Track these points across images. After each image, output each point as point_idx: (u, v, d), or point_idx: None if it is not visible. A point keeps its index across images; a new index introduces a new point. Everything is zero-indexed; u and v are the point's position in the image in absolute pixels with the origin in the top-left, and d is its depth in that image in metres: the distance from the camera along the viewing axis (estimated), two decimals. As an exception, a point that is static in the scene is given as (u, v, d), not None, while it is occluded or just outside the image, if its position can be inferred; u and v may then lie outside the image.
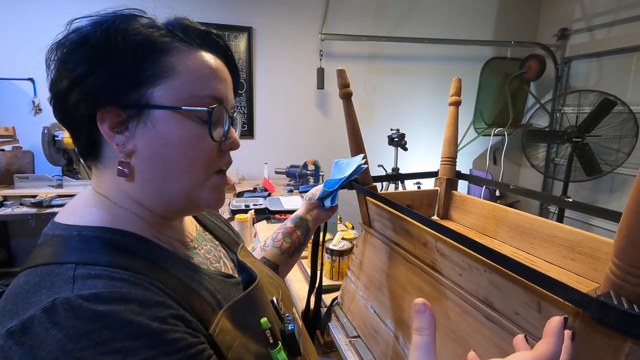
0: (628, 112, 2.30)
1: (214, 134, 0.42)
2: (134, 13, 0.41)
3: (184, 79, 0.40)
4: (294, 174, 2.45)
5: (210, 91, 0.42)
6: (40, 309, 0.30)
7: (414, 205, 0.96)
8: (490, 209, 0.85)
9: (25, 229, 2.40)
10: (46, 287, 0.32)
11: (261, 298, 0.49)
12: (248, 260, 0.56)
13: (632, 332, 0.31)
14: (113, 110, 0.39)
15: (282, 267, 0.76)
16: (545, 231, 0.71)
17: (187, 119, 0.41)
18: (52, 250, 0.37)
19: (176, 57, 0.40)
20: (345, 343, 0.82)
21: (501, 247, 0.79)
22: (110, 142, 0.40)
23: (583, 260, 0.63)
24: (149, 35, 0.39)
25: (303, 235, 0.78)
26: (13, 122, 2.27)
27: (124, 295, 0.32)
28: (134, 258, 0.38)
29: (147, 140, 0.40)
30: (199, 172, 0.43)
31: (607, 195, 2.77)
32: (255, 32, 2.70)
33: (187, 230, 0.51)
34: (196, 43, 0.43)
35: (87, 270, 0.34)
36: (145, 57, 0.39)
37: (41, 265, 0.35)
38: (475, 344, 0.52)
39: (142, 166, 0.41)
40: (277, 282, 0.60)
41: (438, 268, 0.61)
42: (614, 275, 0.33)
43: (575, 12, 2.91)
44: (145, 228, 0.43)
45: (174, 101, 0.40)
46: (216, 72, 0.43)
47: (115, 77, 0.38)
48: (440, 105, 3.14)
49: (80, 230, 0.39)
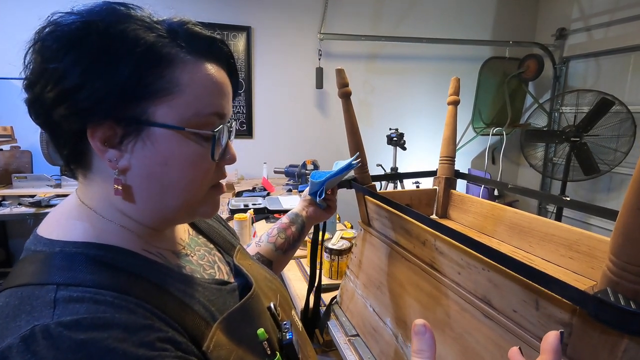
0: (626, 112, 2.31)
1: (215, 153, 0.40)
2: (127, 6, 0.37)
3: (189, 96, 0.38)
4: (293, 174, 2.45)
5: (214, 108, 0.40)
6: (18, 337, 0.28)
7: (412, 205, 0.96)
8: (489, 208, 0.85)
9: (23, 229, 2.39)
10: (26, 311, 0.30)
11: (257, 307, 0.48)
12: (245, 264, 0.55)
13: (629, 328, 0.32)
14: (108, 125, 0.35)
15: (276, 264, 0.75)
16: (543, 230, 0.71)
17: (189, 139, 0.38)
18: (33, 269, 0.34)
19: (181, 70, 0.37)
20: (344, 342, 0.82)
21: (500, 245, 0.80)
22: (102, 156, 0.36)
23: (581, 259, 0.63)
24: (154, 44, 0.36)
25: (298, 231, 0.77)
26: (11, 121, 2.26)
27: (107, 320, 0.30)
28: (121, 275, 0.36)
29: (145, 158, 0.37)
30: (197, 190, 0.41)
31: (605, 195, 2.78)
32: (254, 31, 2.70)
33: (178, 236, 0.49)
34: (201, 53, 0.39)
35: (69, 292, 0.32)
36: (149, 69, 0.35)
37: (22, 285, 0.33)
38: (473, 341, 0.52)
39: (137, 184, 0.38)
40: (276, 284, 0.58)
41: (437, 266, 0.61)
42: (611, 272, 0.33)
43: (573, 12, 2.92)
44: (133, 241, 0.40)
45: (177, 120, 0.37)
46: (221, 87, 0.41)
47: (114, 91, 0.34)
48: (438, 104, 3.14)
49: (63, 247, 0.36)
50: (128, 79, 0.34)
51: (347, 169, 0.72)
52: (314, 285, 0.88)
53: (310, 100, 2.92)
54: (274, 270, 0.73)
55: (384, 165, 2.73)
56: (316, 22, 2.79)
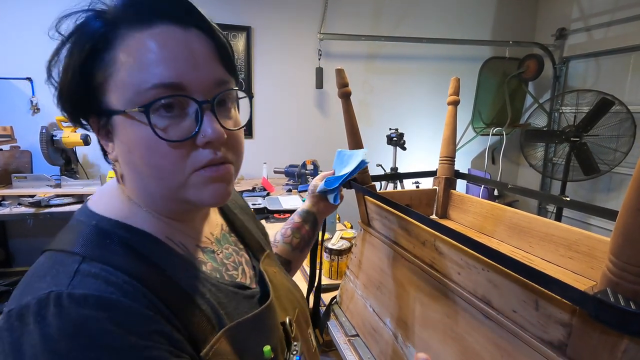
0: (626, 112, 2.31)
1: (169, 132, 0.35)
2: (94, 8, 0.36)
3: (123, 74, 0.35)
4: (293, 174, 2.45)
5: (155, 79, 0.34)
6: (36, 298, 0.31)
7: (412, 205, 0.96)
8: (488, 208, 0.85)
9: (23, 229, 2.39)
10: (51, 274, 0.34)
11: (270, 320, 0.45)
12: (270, 271, 0.52)
13: (628, 329, 0.32)
14: (93, 119, 0.39)
15: (294, 263, 0.74)
16: (543, 230, 0.71)
17: (137, 121, 0.35)
18: (70, 237, 0.38)
19: (118, 48, 0.35)
20: (344, 342, 0.82)
21: (499, 246, 0.80)
22: (106, 148, 0.40)
23: (581, 259, 0.63)
24: (92, 34, 0.35)
25: (311, 229, 0.76)
26: (11, 121, 2.26)
27: (111, 302, 0.32)
28: (141, 261, 0.37)
29: (118, 148, 0.38)
30: (169, 177, 0.37)
31: (605, 195, 2.78)
32: (254, 31, 2.69)
33: (209, 230, 0.48)
34: (145, 20, 0.35)
35: (90, 267, 0.34)
36: (93, 58, 0.35)
37: (58, 251, 0.36)
38: (473, 341, 0.52)
39: (125, 173, 0.40)
40: (297, 296, 0.56)
41: (437, 267, 0.61)
42: (611, 272, 0.33)
43: (573, 12, 2.92)
44: (159, 227, 0.41)
45: (121, 102, 0.35)
46: (162, 51, 0.34)
47: (76, 88, 0.37)
48: (438, 104, 3.14)
49: (98, 221, 0.39)
50: (80, 73, 0.36)
51: (360, 169, 0.71)
52: (313, 285, 0.88)
53: (310, 100, 2.92)
54: (292, 269, 0.73)
55: (383, 165, 2.73)
56: (316, 22, 2.79)
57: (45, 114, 2.33)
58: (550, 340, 0.41)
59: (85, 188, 2.01)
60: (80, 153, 2.38)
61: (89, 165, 2.51)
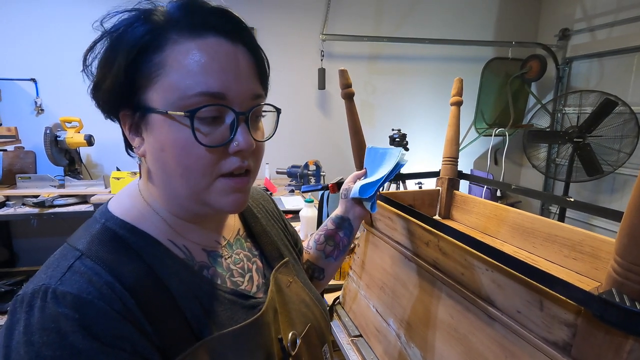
0: (629, 113, 2.30)
1: (207, 137, 0.37)
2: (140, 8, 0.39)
3: (171, 78, 0.36)
4: (296, 174, 2.45)
5: (201, 87, 0.36)
6: (31, 289, 0.34)
7: (415, 205, 0.96)
8: (492, 209, 0.85)
9: (27, 229, 2.40)
10: (53, 266, 0.36)
11: (259, 336, 0.42)
12: (284, 280, 0.50)
13: (634, 329, 0.31)
14: (126, 114, 0.40)
15: (328, 270, 0.69)
16: (546, 230, 0.71)
17: (178, 123, 0.37)
18: (81, 233, 0.40)
19: (169, 52, 0.37)
20: (347, 342, 0.82)
21: (503, 246, 0.79)
22: (132, 142, 0.41)
23: (584, 260, 0.63)
24: (143, 35, 0.37)
25: (347, 236, 0.69)
26: (15, 122, 2.27)
27: (85, 303, 0.33)
28: (135, 262, 0.38)
29: (149, 144, 0.40)
30: (197, 179, 0.39)
31: (609, 196, 2.77)
32: (257, 32, 2.70)
33: (222, 234, 0.48)
34: (197, 30, 0.37)
35: (82, 264, 0.36)
36: (141, 58, 0.37)
37: (70, 244, 0.39)
38: (477, 342, 0.52)
39: (153, 169, 0.41)
40: (313, 311, 0.52)
41: (440, 267, 0.61)
42: (616, 273, 0.33)
43: (577, 12, 2.91)
44: (161, 229, 0.42)
45: (163, 103, 0.37)
46: (211, 62, 0.36)
47: (117, 83, 0.38)
48: (441, 105, 3.14)
49: (107, 219, 0.41)
50: (125, 71, 0.37)
51: (396, 172, 0.66)
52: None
53: (312, 101, 2.92)
54: (327, 277, 0.69)
55: (386, 166, 2.73)
56: (318, 22, 2.79)
57: (50, 114, 2.34)
58: (554, 341, 0.41)
59: (89, 188, 2.02)
60: (83, 154, 2.39)
61: (93, 165, 2.52)
